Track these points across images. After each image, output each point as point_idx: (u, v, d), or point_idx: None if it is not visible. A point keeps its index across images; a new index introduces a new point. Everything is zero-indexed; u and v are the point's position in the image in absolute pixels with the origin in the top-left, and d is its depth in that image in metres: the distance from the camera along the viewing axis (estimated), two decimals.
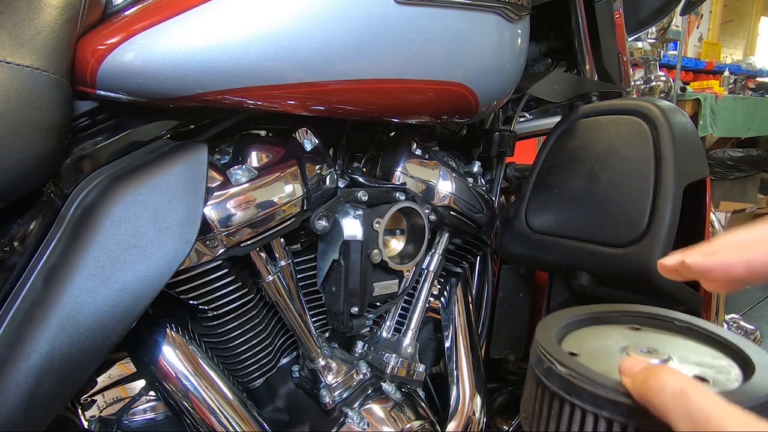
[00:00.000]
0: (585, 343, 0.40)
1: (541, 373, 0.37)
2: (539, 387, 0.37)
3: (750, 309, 3.12)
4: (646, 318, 0.43)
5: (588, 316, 0.43)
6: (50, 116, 0.51)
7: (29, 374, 0.50)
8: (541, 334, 0.39)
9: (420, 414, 0.83)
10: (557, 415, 0.35)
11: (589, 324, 0.43)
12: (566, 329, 0.41)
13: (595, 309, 0.44)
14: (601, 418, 0.33)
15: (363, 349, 0.86)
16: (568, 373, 0.34)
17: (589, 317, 0.43)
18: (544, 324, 0.41)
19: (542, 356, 0.37)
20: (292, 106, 0.63)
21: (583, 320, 0.43)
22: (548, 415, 0.36)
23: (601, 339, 0.41)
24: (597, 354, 0.38)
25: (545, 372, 0.36)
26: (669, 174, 0.74)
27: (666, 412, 0.29)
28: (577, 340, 0.40)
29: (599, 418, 0.33)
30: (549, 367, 0.36)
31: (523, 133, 1.22)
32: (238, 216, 0.63)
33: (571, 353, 0.37)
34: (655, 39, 2.46)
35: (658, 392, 0.29)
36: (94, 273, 0.53)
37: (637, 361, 0.33)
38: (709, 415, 0.27)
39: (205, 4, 0.55)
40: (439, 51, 0.67)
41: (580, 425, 0.34)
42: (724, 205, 4.40)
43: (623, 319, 0.43)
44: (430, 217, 0.82)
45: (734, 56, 7.21)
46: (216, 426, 0.69)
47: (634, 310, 0.44)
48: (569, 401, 0.34)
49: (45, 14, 0.53)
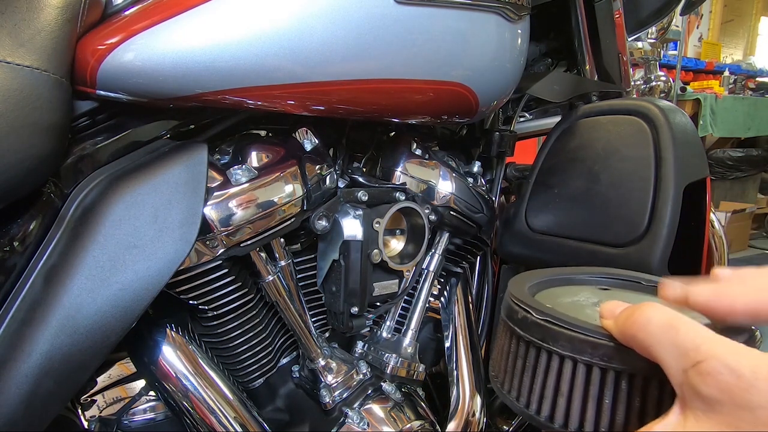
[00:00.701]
0: (556, 300, 0.39)
1: (515, 323, 0.36)
2: (512, 339, 0.36)
3: None
4: (614, 279, 0.43)
5: (558, 276, 0.43)
6: (50, 116, 0.51)
7: (29, 374, 0.50)
8: (513, 288, 0.38)
9: (420, 414, 0.83)
10: (532, 365, 0.34)
11: (558, 284, 0.43)
12: (536, 288, 0.41)
13: (563, 270, 0.44)
14: (580, 363, 0.32)
15: (363, 349, 0.86)
16: (544, 319, 0.33)
17: (558, 278, 0.43)
18: (514, 282, 0.40)
19: (516, 306, 0.36)
20: (292, 106, 0.63)
21: (553, 280, 0.43)
22: (522, 367, 0.35)
23: (572, 296, 0.40)
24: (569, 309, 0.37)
25: (520, 322, 0.35)
26: (669, 174, 0.74)
27: (653, 345, 0.28)
28: (548, 297, 0.40)
29: (578, 363, 0.32)
30: (524, 316, 0.35)
31: (523, 133, 1.22)
32: (238, 216, 0.63)
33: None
34: (655, 39, 2.46)
35: (644, 327, 0.29)
36: (94, 273, 0.53)
37: (618, 303, 0.32)
38: (698, 344, 0.27)
39: (205, 4, 0.55)
40: (439, 51, 0.67)
41: (558, 373, 0.33)
42: (724, 205, 4.40)
43: (591, 281, 0.43)
44: (430, 217, 0.82)
45: (734, 56, 7.21)
46: (216, 426, 0.69)
47: (602, 272, 0.44)
48: (546, 348, 0.33)
49: (45, 14, 0.53)
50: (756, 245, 4.61)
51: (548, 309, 0.34)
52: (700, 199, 0.81)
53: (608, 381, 0.31)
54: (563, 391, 0.33)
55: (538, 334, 0.34)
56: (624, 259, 0.75)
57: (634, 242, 0.74)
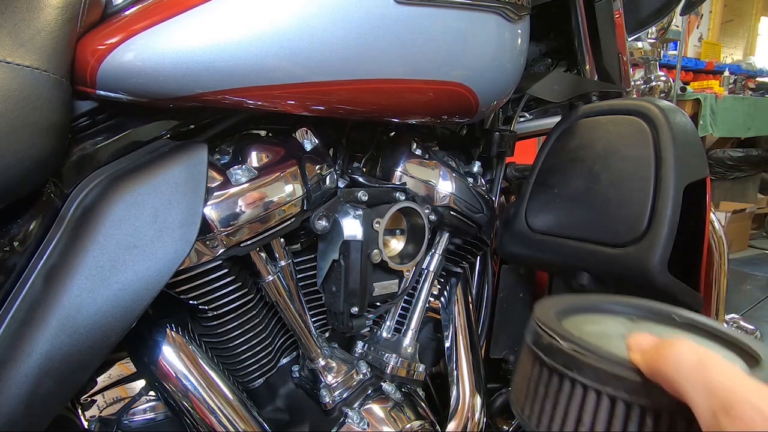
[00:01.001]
0: (583, 328, 0.38)
1: (539, 348, 0.35)
2: (536, 364, 0.35)
3: (750, 309, 3.13)
4: (644, 311, 0.42)
5: (585, 303, 0.42)
6: (50, 116, 0.51)
7: (29, 374, 0.50)
8: (539, 312, 0.37)
9: (420, 414, 0.83)
10: (555, 393, 0.33)
11: (586, 312, 0.41)
12: (563, 314, 0.40)
13: (592, 298, 0.42)
14: (604, 395, 0.31)
15: (363, 349, 0.86)
16: (570, 347, 0.32)
17: (586, 305, 0.42)
18: (541, 306, 0.39)
19: (541, 331, 0.35)
20: (292, 106, 0.63)
21: (580, 307, 0.41)
22: (545, 394, 0.34)
23: (599, 325, 0.39)
24: (596, 338, 0.36)
25: (545, 348, 0.34)
26: (669, 174, 0.74)
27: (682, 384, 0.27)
28: (575, 325, 0.39)
29: (602, 395, 0.31)
30: (549, 343, 0.34)
31: (523, 133, 1.22)
32: (238, 216, 0.63)
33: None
34: (655, 39, 2.46)
35: (673, 364, 0.28)
36: (94, 273, 0.53)
37: (647, 337, 0.31)
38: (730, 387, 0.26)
39: (205, 4, 0.55)
40: (439, 51, 0.67)
41: (580, 404, 0.32)
42: (724, 205, 4.40)
43: (621, 310, 0.42)
44: (430, 217, 0.82)
45: (734, 56, 7.21)
46: (216, 426, 0.69)
47: (632, 302, 0.42)
48: (570, 377, 0.32)
49: (45, 14, 0.53)
50: (756, 245, 4.62)
51: (575, 337, 0.33)
52: (700, 199, 0.81)
53: (633, 416, 0.30)
54: (585, 422, 0.31)
55: (563, 361, 0.33)
56: (624, 259, 0.75)
57: (634, 242, 0.74)
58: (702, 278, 0.83)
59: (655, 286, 0.73)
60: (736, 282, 3.58)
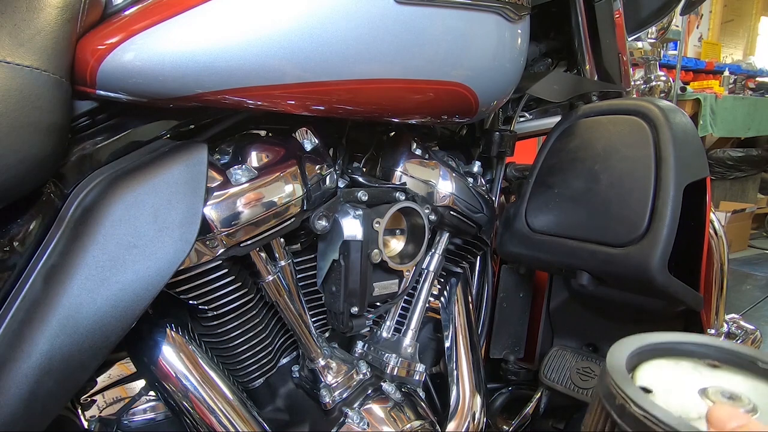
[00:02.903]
0: (659, 377, 0.37)
1: (611, 408, 0.34)
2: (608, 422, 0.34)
3: (750, 309, 3.12)
4: (725, 354, 0.40)
5: (662, 345, 0.40)
6: (50, 116, 0.51)
7: (29, 374, 0.50)
8: (612, 362, 0.36)
9: (420, 414, 0.83)
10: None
11: (662, 354, 0.40)
12: (638, 358, 0.39)
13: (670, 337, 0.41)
14: None
15: (363, 349, 0.86)
16: (642, 415, 0.31)
17: (663, 346, 0.40)
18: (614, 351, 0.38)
19: (614, 391, 0.34)
20: (292, 106, 0.63)
21: (657, 350, 0.40)
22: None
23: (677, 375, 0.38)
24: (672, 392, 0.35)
25: (617, 409, 0.33)
26: (669, 174, 0.74)
27: None
28: (650, 373, 0.38)
29: None
30: (621, 405, 0.33)
31: (523, 133, 1.22)
32: (238, 216, 0.63)
33: (643, 388, 0.35)
34: (655, 39, 2.45)
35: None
36: (94, 273, 0.53)
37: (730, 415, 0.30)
38: None
39: (205, 4, 0.55)
40: (439, 51, 0.67)
41: None
42: (724, 205, 4.40)
43: (700, 352, 0.40)
44: (430, 217, 0.82)
45: (734, 56, 7.21)
46: (216, 426, 0.69)
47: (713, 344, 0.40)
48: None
49: (45, 14, 0.53)
50: (756, 245, 4.61)
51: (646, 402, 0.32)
52: (700, 199, 0.81)
53: None
54: None
55: (634, 426, 0.32)
56: (624, 258, 0.75)
57: (634, 242, 0.74)
58: (702, 278, 0.83)
59: (655, 286, 0.73)
60: (736, 282, 3.58)
